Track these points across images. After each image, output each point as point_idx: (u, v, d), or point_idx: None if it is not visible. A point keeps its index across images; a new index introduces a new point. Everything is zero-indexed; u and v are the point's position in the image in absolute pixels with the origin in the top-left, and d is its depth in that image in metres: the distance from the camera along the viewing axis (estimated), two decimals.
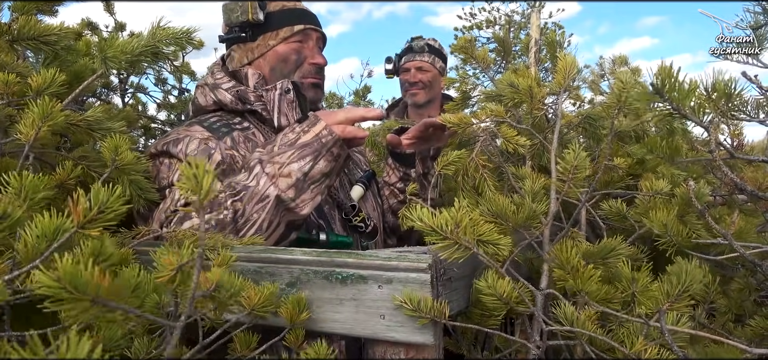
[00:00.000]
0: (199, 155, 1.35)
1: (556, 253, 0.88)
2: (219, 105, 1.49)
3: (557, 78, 1.34)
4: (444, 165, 1.11)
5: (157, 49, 1.29)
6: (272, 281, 0.98)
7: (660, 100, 0.69)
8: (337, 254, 0.96)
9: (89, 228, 0.56)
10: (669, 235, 0.93)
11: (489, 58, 1.92)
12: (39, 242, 0.58)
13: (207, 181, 0.51)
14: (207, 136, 1.40)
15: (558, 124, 1.30)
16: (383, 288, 0.90)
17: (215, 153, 1.36)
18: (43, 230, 0.58)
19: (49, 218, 0.58)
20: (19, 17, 1.31)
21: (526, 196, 1.10)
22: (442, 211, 0.74)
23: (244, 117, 1.50)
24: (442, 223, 0.73)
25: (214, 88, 1.50)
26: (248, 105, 1.46)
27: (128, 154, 1.02)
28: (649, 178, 1.43)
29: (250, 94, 1.46)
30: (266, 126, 1.49)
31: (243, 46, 1.53)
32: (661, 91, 0.79)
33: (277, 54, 1.52)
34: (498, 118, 1.21)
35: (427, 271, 0.86)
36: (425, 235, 0.76)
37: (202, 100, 1.51)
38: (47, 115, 0.86)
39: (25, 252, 0.58)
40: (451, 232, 0.72)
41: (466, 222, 0.72)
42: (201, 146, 1.36)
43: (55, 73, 1.03)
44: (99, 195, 0.57)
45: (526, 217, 1.06)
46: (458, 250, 0.74)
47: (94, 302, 0.47)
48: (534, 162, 1.67)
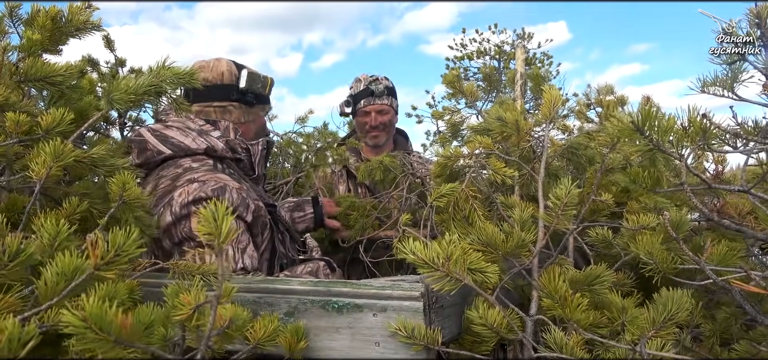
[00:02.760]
0: (241, 207, 1.49)
1: (544, 283, 0.93)
2: (208, 150, 1.60)
3: (543, 110, 1.40)
4: (436, 197, 1.16)
5: (160, 88, 1.35)
6: (271, 311, 1.02)
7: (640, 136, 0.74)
8: (333, 284, 1.00)
9: (105, 270, 0.60)
10: (654, 262, 0.98)
11: (476, 92, 1.99)
12: (58, 280, 0.61)
13: (226, 226, 0.56)
14: (238, 186, 1.53)
15: (544, 155, 1.36)
16: (378, 316, 0.94)
17: (250, 203, 1.53)
18: (62, 269, 0.61)
19: (68, 258, 0.62)
20: (27, 58, 1.37)
21: (515, 225, 1.15)
22: (433, 244, 0.79)
23: (225, 163, 1.65)
24: (433, 256, 0.77)
25: (204, 134, 1.63)
26: (237, 154, 1.67)
27: (135, 190, 1.06)
28: (633, 207, 1.48)
29: (238, 145, 1.69)
30: (241, 172, 1.70)
31: (243, 108, 1.73)
32: (642, 128, 0.84)
33: (261, 124, 1.82)
34: (486, 151, 1.26)
35: (419, 299, 0.91)
36: (417, 267, 0.80)
37: (191, 143, 1.59)
38: (59, 155, 0.90)
39: (45, 290, 0.62)
40: (442, 264, 0.77)
41: (456, 254, 0.77)
42: (240, 197, 1.49)
43: (64, 113, 1.08)
44: (117, 239, 0.61)
45: (515, 246, 1.11)
46: (449, 283, 0.78)
47: (117, 342, 0.51)
48: (522, 191, 1.73)
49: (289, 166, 3.11)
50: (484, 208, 1.21)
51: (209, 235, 0.60)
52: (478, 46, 13.41)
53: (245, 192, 1.54)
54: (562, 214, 0.96)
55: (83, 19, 1.51)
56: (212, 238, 0.60)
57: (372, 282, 0.97)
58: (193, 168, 1.54)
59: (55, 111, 1.09)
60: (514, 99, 1.92)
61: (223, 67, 1.71)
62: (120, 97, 1.22)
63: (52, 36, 1.48)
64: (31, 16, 1.51)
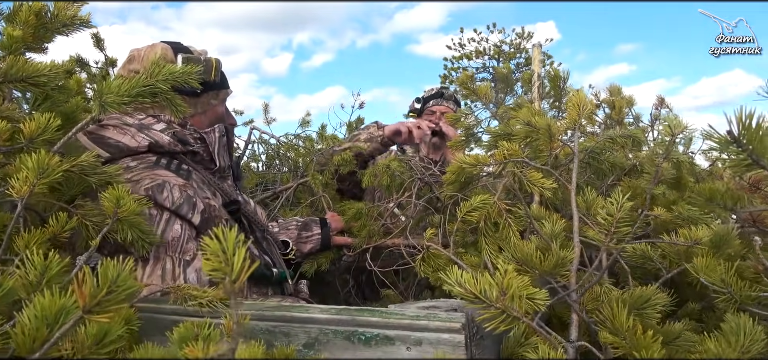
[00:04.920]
0: (185, 205, 1.32)
1: (605, 315, 0.82)
2: (152, 146, 1.41)
3: (571, 114, 1.29)
4: (468, 210, 1.05)
5: (155, 89, 1.22)
6: (287, 342, 0.90)
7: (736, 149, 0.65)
8: (359, 312, 0.88)
9: (98, 312, 0.48)
10: (729, 291, 0.87)
11: (490, 93, 1.89)
12: (38, 325, 0.49)
13: (238, 260, 0.44)
14: (182, 183, 1.35)
15: (576, 163, 1.26)
16: (412, 350, 0.83)
17: (198, 202, 1.35)
18: (42, 313, 0.49)
19: (49, 298, 0.50)
20: (7, 57, 1.23)
21: (552, 242, 1.05)
22: (485, 276, 0.68)
23: (177, 158, 1.46)
24: (484, 288, 0.66)
25: (145, 129, 1.42)
26: (189, 146, 1.47)
27: (131, 204, 0.94)
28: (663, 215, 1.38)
29: (189, 136, 1.49)
30: (200, 166, 1.51)
31: (188, 99, 1.48)
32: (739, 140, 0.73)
33: (216, 113, 1.60)
34: (516, 159, 1.16)
35: (460, 331, 0.80)
36: (466, 301, 0.69)
37: (130, 141, 1.39)
38: (43, 170, 0.78)
39: (23, 339, 0.49)
40: (497, 299, 0.66)
41: (514, 288, 0.66)
42: (183, 195, 1.32)
43: (49, 118, 0.95)
44: (108, 272, 0.49)
45: (554, 265, 1.00)
46: (506, 321, 0.67)
47: None
48: (543, 200, 1.63)
49: (287, 170, 2.98)
50: (518, 223, 1.10)
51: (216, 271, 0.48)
52: (476, 45, 13.33)
53: (193, 189, 1.36)
54: (615, 231, 0.85)
55: (70, 14, 1.38)
56: (221, 274, 0.48)
57: (404, 310, 0.86)
58: (131, 167, 1.35)
59: (39, 117, 0.96)
60: (531, 101, 1.81)
61: (156, 55, 1.47)
62: (113, 99, 1.10)
63: (37, 33, 1.35)
64: (12, 11, 1.38)
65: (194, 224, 1.33)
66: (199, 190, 1.40)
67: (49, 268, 0.65)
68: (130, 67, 1.49)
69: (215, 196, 1.49)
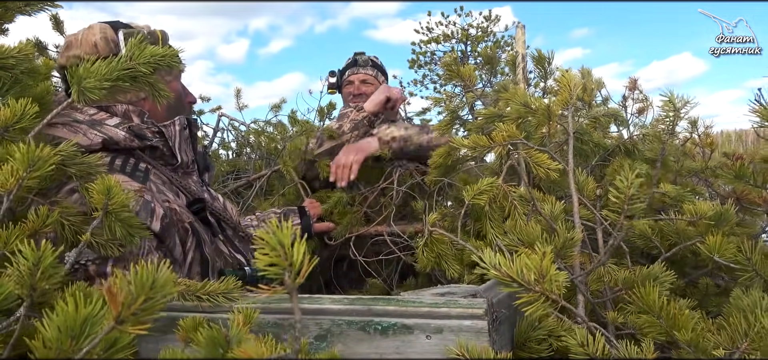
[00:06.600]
0: (142, 213, 1.19)
1: (639, 295, 0.81)
2: (106, 143, 1.28)
3: (562, 94, 1.29)
4: (475, 194, 1.02)
5: (136, 72, 1.14)
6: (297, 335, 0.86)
7: None
8: (374, 301, 0.85)
9: (132, 322, 0.42)
10: (754, 268, 0.87)
11: (475, 76, 1.87)
12: (62, 339, 0.43)
13: (298, 254, 0.40)
14: (138, 187, 1.23)
15: (571, 143, 1.25)
16: (432, 339, 0.80)
17: (156, 207, 1.23)
18: (66, 323, 0.43)
19: (73, 307, 0.43)
20: None
21: (555, 224, 1.04)
22: (521, 257, 0.65)
23: (133, 155, 1.33)
24: (520, 270, 0.64)
25: (97, 125, 1.28)
26: (147, 141, 1.33)
27: (121, 195, 0.87)
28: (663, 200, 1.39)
29: (146, 130, 1.34)
30: (159, 162, 1.38)
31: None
32: None
33: (173, 89, 1.40)
34: (516, 140, 1.14)
35: (483, 317, 0.77)
36: (503, 284, 0.67)
37: (83, 139, 1.25)
38: (34, 162, 0.70)
39: (45, 353, 0.43)
40: (536, 282, 0.64)
41: (551, 272, 0.64)
42: (140, 202, 1.19)
43: (26, 104, 0.87)
44: (143, 278, 0.43)
45: (561, 246, 0.99)
46: (544, 304, 0.65)
47: None
48: (532, 180, 1.63)
49: (257, 158, 2.90)
50: (524, 205, 1.09)
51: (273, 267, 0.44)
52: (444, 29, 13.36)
53: (151, 193, 1.25)
54: (628, 207, 0.84)
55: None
56: (279, 270, 0.44)
57: (422, 297, 0.83)
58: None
59: (14, 103, 0.88)
60: (516, 82, 1.81)
61: (95, 35, 1.33)
62: (93, 84, 1.02)
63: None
64: None
65: (154, 231, 1.21)
66: (157, 194, 1.29)
67: (43, 258, 0.59)
68: (70, 53, 1.34)
69: (178, 197, 1.37)
